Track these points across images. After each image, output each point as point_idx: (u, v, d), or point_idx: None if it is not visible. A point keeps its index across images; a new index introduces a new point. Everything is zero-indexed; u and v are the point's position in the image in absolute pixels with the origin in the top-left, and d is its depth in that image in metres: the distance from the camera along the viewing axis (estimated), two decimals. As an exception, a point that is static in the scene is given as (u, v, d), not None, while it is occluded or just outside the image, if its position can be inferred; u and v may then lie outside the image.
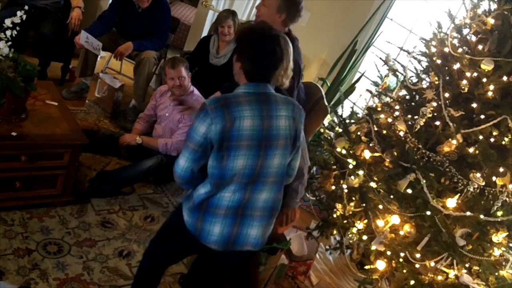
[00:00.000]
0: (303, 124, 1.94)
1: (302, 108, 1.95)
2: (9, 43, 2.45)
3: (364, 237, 2.73)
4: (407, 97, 2.91)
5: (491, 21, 2.55)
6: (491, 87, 2.44)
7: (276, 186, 1.88)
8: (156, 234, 2.18)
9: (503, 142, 2.43)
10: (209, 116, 1.72)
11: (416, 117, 2.61)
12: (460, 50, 2.64)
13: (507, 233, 2.40)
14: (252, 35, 1.83)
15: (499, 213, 2.37)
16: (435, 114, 2.59)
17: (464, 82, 2.53)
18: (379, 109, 2.97)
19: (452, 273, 2.42)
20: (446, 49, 2.68)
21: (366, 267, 2.70)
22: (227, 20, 3.76)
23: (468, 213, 2.38)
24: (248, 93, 1.80)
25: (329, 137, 3.24)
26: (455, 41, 2.72)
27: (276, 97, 1.85)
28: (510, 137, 2.42)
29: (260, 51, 1.79)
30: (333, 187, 2.94)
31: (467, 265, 2.43)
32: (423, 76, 2.88)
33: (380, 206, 2.65)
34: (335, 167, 2.98)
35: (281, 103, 1.84)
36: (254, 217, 1.86)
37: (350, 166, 2.84)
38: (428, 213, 2.45)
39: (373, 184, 2.69)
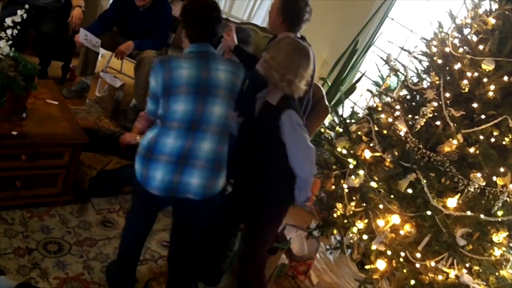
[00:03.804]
0: (241, 79, 2.14)
1: (242, 66, 2.17)
2: (10, 42, 2.44)
3: (365, 237, 2.73)
4: (408, 97, 2.91)
5: (492, 21, 2.55)
6: (492, 87, 2.44)
7: (217, 137, 2.07)
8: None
9: (504, 142, 2.43)
10: (154, 71, 2.03)
11: (416, 117, 2.61)
12: (461, 50, 2.64)
13: (508, 233, 2.40)
14: (191, 5, 2.10)
15: (500, 213, 2.37)
16: (436, 114, 2.59)
17: (465, 82, 2.53)
18: (379, 109, 2.97)
19: (452, 273, 2.42)
20: (447, 49, 2.68)
21: (367, 266, 2.70)
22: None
23: (469, 213, 2.38)
24: (190, 52, 2.08)
25: (329, 137, 3.23)
26: (456, 41, 2.72)
27: (216, 55, 2.11)
28: (510, 137, 2.42)
29: (198, 16, 2.06)
30: (334, 187, 2.94)
31: (467, 265, 2.43)
32: (424, 76, 2.88)
33: (381, 206, 2.65)
34: (335, 167, 2.98)
35: (221, 60, 2.11)
36: (195, 166, 2.03)
37: (351, 166, 2.84)
38: (429, 213, 2.46)
39: (373, 184, 2.69)
